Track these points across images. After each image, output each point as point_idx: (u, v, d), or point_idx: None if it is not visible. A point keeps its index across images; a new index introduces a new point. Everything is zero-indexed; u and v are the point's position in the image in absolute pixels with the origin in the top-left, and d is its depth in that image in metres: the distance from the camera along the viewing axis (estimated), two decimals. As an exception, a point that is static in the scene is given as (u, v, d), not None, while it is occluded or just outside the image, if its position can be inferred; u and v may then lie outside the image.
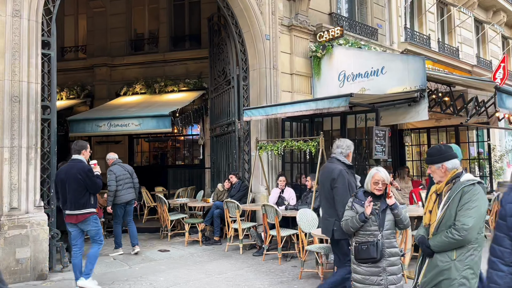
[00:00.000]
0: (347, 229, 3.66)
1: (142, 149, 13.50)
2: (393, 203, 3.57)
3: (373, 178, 3.63)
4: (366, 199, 3.58)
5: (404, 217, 3.61)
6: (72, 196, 5.12)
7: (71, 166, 5.23)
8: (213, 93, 10.74)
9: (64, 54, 13.83)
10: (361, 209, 3.59)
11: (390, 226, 3.57)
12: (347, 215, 3.69)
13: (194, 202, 9.17)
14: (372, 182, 3.64)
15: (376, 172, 3.65)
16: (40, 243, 5.78)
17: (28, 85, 5.86)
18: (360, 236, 3.59)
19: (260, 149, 8.22)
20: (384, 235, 3.53)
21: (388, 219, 3.56)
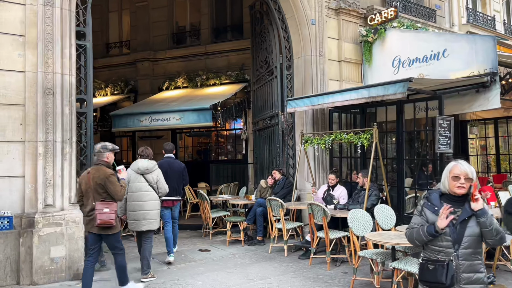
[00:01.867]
0: (410, 240, 2.86)
1: (185, 144, 13.28)
2: (479, 208, 2.64)
3: (452, 171, 2.73)
4: (443, 206, 2.68)
5: (495, 229, 2.64)
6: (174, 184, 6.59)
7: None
8: (255, 85, 10.22)
9: (109, 50, 13.91)
10: (432, 218, 2.74)
11: (471, 243, 2.67)
12: (414, 222, 2.86)
13: (236, 199, 8.72)
14: (450, 177, 2.73)
15: (456, 164, 2.75)
16: (75, 241, 5.55)
17: (62, 77, 5.63)
18: (428, 251, 2.77)
19: (306, 142, 7.59)
20: (460, 254, 2.65)
21: (469, 233, 2.66)
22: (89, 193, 4.75)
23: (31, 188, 5.39)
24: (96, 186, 4.71)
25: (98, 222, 4.63)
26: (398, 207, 6.72)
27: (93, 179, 4.73)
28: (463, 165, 2.76)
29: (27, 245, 5.27)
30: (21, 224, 5.31)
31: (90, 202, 4.75)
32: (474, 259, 2.68)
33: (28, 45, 5.46)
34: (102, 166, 4.83)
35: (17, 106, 5.39)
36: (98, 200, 4.69)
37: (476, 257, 2.69)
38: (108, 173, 4.77)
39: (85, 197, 4.83)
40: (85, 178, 4.82)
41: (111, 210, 4.67)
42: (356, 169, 8.01)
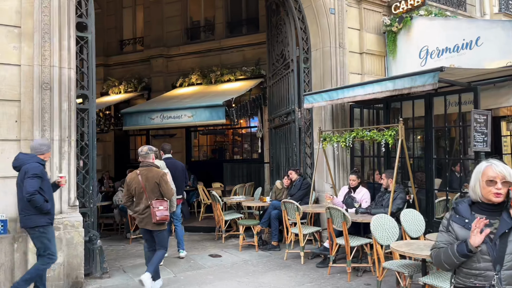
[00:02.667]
0: (438, 263, 2.31)
1: (200, 143, 12.89)
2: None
3: (485, 174, 2.18)
4: (475, 218, 2.15)
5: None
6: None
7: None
8: (271, 80, 9.70)
9: (123, 47, 13.66)
10: (463, 234, 2.19)
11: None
12: (440, 240, 2.30)
13: (249, 201, 8.22)
14: (483, 181, 2.18)
15: (490, 165, 2.20)
16: (74, 247, 5.17)
17: (59, 71, 5.26)
18: (462, 276, 2.22)
19: (324, 140, 7.03)
20: (504, 277, 2.09)
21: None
22: (142, 192, 5.02)
23: (27, 190, 5.02)
24: (152, 185, 5.00)
25: (157, 219, 4.94)
26: (426, 212, 6.09)
27: (148, 179, 5.02)
28: (498, 166, 2.19)
29: (22, 251, 4.92)
30: (16, 228, 4.95)
31: (144, 201, 5.02)
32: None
33: (24, 36, 5.10)
34: (152, 166, 5.15)
35: (12, 102, 5.04)
36: (153, 199, 4.98)
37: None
38: (161, 172, 5.15)
39: (137, 197, 5.07)
40: (136, 178, 5.06)
41: (165, 208, 5.01)
42: (379, 169, 7.40)
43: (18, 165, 4.45)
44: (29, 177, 4.27)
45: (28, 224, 4.41)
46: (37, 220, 4.39)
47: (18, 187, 4.44)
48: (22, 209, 4.42)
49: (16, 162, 4.47)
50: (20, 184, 4.39)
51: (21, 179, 4.36)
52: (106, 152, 13.44)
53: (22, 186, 4.32)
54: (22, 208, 4.41)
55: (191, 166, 11.77)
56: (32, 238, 4.47)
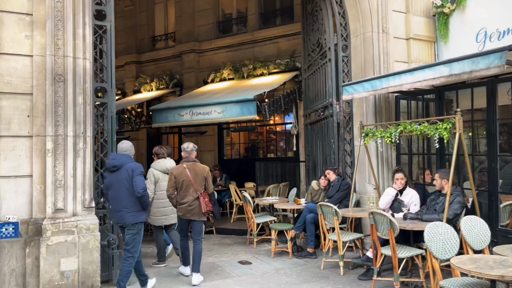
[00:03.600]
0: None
1: (232, 141, 12.37)
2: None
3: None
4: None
5: None
6: None
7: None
8: (306, 72, 9.00)
9: (155, 43, 13.41)
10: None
11: None
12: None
13: (282, 203, 7.56)
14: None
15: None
16: (89, 252, 4.76)
17: (74, 61, 4.86)
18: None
19: (366, 136, 6.26)
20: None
21: None
22: (191, 185, 5.31)
23: (39, 190, 4.67)
24: (200, 179, 5.35)
25: (206, 209, 5.35)
26: (489, 218, 5.18)
27: (196, 173, 5.35)
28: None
29: (34, 256, 4.56)
30: (28, 231, 4.61)
31: (192, 193, 5.31)
32: None
33: (36, 25, 4.74)
34: (197, 162, 5.50)
35: (24, 95, 4.69)
36: (200, 192, 5.33)
37: None
38: (207, 168, 5.54)
39: (184, 189, 5.30)
40: (184, 172, 5.32)
41: (209, 200, 5.45)
42: (429, 168, 6.53)
43: (119, 165, 4.67)
44: (138, 175, 4.59)
45: (130, 220, 4.61)
46: (139, 217, 4.66)
47: (118, 185, 4.62)
48: (125, 206, 4.59)
49: (116, 161, 4.69)
50: (124, 182, 4.59)
51: (126, 178, 4.59)
52: (138, 150, 13.19)
53: (126, 184, 4.57)
54: (125, 205, 4.59)
55: (223, 165, 11.29)
56: (127, 234, 4.63)
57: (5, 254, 4.49)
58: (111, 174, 4.70)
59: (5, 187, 4.56)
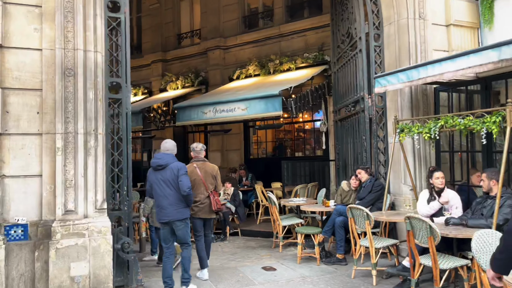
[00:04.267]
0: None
1: (259, 139, 11.96)
2: None
3: None
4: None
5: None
6: None
7: None
8: (335, 66, 8.47)
9: (181, 41, 13.22)
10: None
11: None
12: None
13: (310, 205, 7.07)
14: None
15: None
16: (101, 256, 4.48)
17: (84, 54, 4.60)
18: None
19: (402, 132, 5.68)
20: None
21: None
22: (201, 184, 5.46)
23: (49, 190, 4.44)
24: (210, 178, 5.53)
25: (217, 207, 5.53)
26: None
27: (206, 172, 5.50)
28: None
29: (43, 260, 4.33)
30: (37, 233, 4.39)
31: (203, 191, 5.48)
32: None
33: (45, 17, 4.51)
34: (206, 161, 5.68)
35: (33, 91, 4.48)
36: (210, 190, 5.52)
37: None
38: (216, 167, 5.70)
39: (195, 188, 5.30)
40: (194, 171, 5.44)
41: (218, 198, 5.63)
42: (474, 167, 5.87)
43: (164, 164, 4.83)
44: (183, 174, 4.79)
45: (179, 216, 4.83)
46: (185, 213, 4.90)
47: (163, 183, 4.78)
48: (171, 204, 4.78)
49: (162, 161, 4.84)
50: (169, 180, 4.77)
51: (172, 177, 4.78)
52: (165, 150, 13.08)
53: (172, 182, 4.77)
54: (171, 202, 4.78)
55: (249, 165, 10.91)
56: (178, 229, 4.86)
57: (13, 257, 4.28)
58: (155, 172, 4.86)
59: (14, 187, 4.36)
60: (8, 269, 4.24)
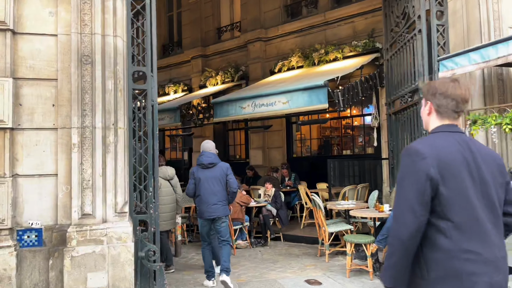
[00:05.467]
0: None
1: (303, 136, 11.17)
2: None
3: None
4: None
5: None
6: None
7: None
8: (388, 52, 7.53)
9: (221, 35, 12.73)
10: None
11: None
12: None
13: (360, 209, 6.22)
14: None
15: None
16: (121, 266, 3.97)
17: (102, 39, 4.11)
18: None
19: (474, 124, 4.72)
20: None
21: None
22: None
23: (65, 191, 3.99)
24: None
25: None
26: None
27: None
28: None
29: (58, 269, 3.88)
30: (52, 239, 3.95)
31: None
32: None
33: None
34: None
35: (48, 81, 4.05)
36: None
37: None
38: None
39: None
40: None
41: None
42: None
43: (214, 162, 5.12)
44: (231, 173, 5.11)
45: (225, 212, 5.14)
46: (227, 210, 5.19)
47: (211, 181, 5.04)
48: (220, 200, 5.06)
49: (212, 159, 5.12)
50: (218, 178, 5.06)
51: (221, 175, 5.08)
52: (205, 148, 12.65)
53: (221, 180, 5.07)
54: (219, 199, 5.06)
55: (292, 163, 10.17)
56: (221, 225, 5.13)
57: (26, 266, 3.87)
58: (204, 170, 5.08)
59: (28, 187, 3.95)
60: (20, 279, 3.83)
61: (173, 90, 13.02)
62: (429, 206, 1.71)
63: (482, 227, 1.75)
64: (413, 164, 1.74)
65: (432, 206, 1.72)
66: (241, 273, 5.76)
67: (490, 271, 1.71)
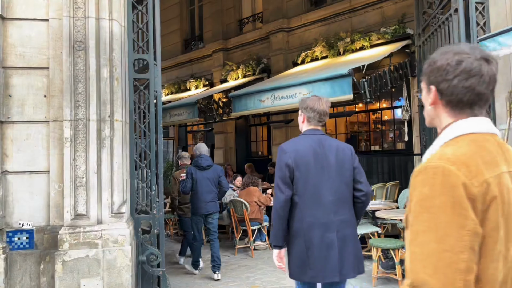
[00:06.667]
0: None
1: (329, 131, 10.57)
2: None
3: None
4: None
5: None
6: None
7: None
8: (421, 37, 6.85)
9: (242, 27, 12.29)
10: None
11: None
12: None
13: (389, 210, 5.63)
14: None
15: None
16: (117, 272, 3.61)
17: (97, 23, 3.75)
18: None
19: (522, 112, 4.06)
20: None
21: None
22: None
23: (58, 190, 3.68)
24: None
25: None
26: None
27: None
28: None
29: (49, 274, 3.57)
30: (43, 242, 3.64)
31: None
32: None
33: (53, -20, 3.75)
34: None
35: (39, 70, 3.74)
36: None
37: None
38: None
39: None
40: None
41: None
42: None
43: (211, 165, 5.66)
44: (223, 176, 5.73)
45: (217, 208, 5.77)
46: (218, 207, 5.87)
47: (207, 181, 5.50)
48: (213, 198, 5.61)
49: (209, 162, 5.64)
50: (212, 179, 5.56)
51: (214, 176, 5.59)
52: (227, 144, 12.29)
53: (215, 181, 5.58)
54: (213, 197, 5.60)
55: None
56: (213, 220, 5.68)
57: (16, 270, 3.58)
58: (201, 171, 5.51)
59: (18, 185, 3.66)
60: (10, 284, 3.54)
61: (194, 86, 12.71)
62: (291, 186, 2.65)
63: (321, 199, 2.66)
64: (279, 157, 2.69)
65: (293, 186, 2.65)
66: (256, 278, 5.33)
67: (323, 229, 2.62)
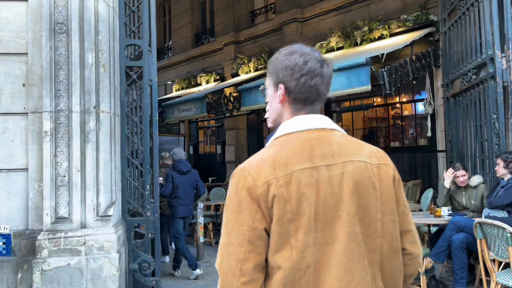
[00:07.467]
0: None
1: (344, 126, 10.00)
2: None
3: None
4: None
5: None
6: None
7: None
8: (446, 24, 6.28)
9: (254, 18, 11.80)
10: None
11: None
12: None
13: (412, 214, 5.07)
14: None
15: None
16: (102, 283, 3.20)
17: (80, 3, 3.34)
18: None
19: None
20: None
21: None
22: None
23: (37, 190, 3.28)
24: None
25: None
26: None
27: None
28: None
29: (27, 284, 3.18)
30: (21, 248, 3.26)
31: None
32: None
33: (32, -44, 3.35)
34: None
35: (18, 56, 3.36)
36: None
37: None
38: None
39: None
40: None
41: None
42: None
43: (190, 170, 5.70)
44: (200, 179, 5.88)
45: (193, 211, 5.89)
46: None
47: (186, 185, 5.61)
48: (192, 202, 5.78)
49: (188, 167, 5.71)
50: (191, 183, 5.70)
51: (193, 180, 5.73)
52: (239, 141, 11.84)
53: (193, 185, 5.73)
54: (191, 200, 5.76)
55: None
56: (189, 222, 5.93)
57: (-9, 279, 3.21)
58: (182, 176, 5.58)
59: (-6, 184, 3.29)
60: (-16, 295, 3.18)
61: (205, 80, 12.30)
62: None
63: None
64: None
65: None
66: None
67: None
